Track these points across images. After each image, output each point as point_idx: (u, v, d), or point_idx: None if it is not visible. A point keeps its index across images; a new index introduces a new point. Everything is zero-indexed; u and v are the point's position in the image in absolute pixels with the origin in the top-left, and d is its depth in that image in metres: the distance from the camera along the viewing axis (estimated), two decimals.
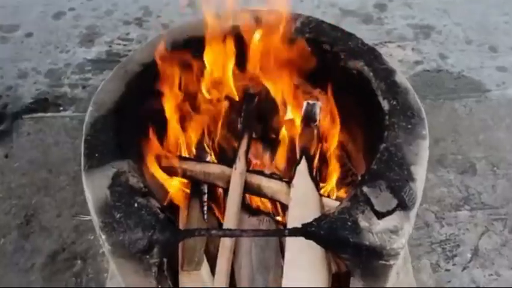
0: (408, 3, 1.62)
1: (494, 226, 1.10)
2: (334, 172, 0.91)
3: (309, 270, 0.72)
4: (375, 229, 0.60)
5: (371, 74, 0.79)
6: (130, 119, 0.77)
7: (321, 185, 0.88)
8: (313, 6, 1.60)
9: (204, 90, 0.88)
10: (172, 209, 0.90)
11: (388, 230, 0.60)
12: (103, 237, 0.61)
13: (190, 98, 0.87)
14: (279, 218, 0.88)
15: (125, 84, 0.79)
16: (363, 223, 0.60)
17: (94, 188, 0.65)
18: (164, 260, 0.66)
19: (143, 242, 0.60)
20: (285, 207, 0.84)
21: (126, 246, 0.60)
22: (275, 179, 0.84)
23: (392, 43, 1.49)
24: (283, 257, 0.78)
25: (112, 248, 0.60)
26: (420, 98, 0.77)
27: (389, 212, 0.61)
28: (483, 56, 1.44)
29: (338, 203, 0.84)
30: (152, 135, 0.80)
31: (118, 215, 0.62)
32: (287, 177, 0.85)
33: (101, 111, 0.75)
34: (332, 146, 0.89)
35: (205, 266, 0.79)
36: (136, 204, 0.63)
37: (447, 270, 1.02)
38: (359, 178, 0.94)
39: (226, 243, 0.78)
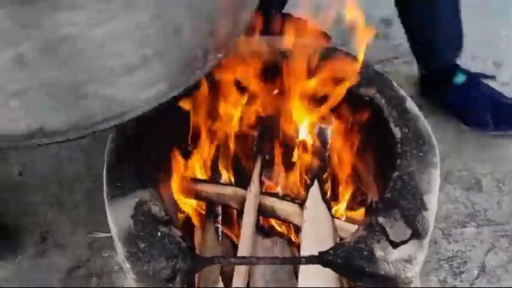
0: None
1: (500, 243, 1.12)
2: (345, 194, 0.94)
3: None
4: (390, 258, 0.62)
5: (383, 101, 0.81)
6: (150, 144, 0.79)
7: (333, 205, 0.90)
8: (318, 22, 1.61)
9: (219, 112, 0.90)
10: (187, 228, 0.93)
11: (403, 259, 0.62)
12: (128, 266, 0.63)
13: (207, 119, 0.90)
14: (292, 239, 0.90)
15: None
16: (378, 252, 0.63)
17: (117, 218, 0.67)
18: (185, 286, 0.68)
19: (167, 272, 0.62)
20: (298, 228, 0.87)
21: (151, 275, 0.62)
22: (288, 201, 0.87)
23: (398, 59, 1.52)
24: (297, 277, 0.80)
25: (137, 277, 0.63)
26: (426, 114, 0.79)
27: (404, 242, 0.63)
28: (487, 71, 1.46)
29: (349, 224, 0.87)
30: (171, 159, 0.83)
31: (142, 245, 0.64)
32: (300, 199, 0.88)
33: (122, 138, 0.77)
34: (343, 169, 0.91)
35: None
36: (159, 234, 0.65)
37: (454, 287, 1.05)
38: (369, 200, 0.97)
39: (241, 267, 0.81)
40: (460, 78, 1.29)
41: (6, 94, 0.46)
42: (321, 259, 0.65)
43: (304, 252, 0.77)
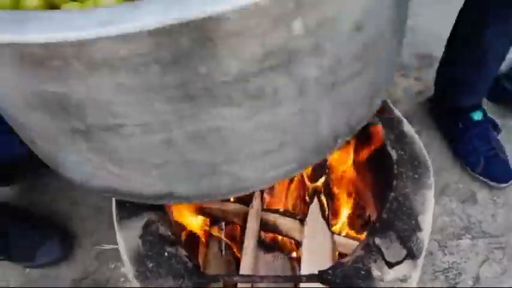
0: (413, 31, 1.67)
1: (495, 254, 1.15)
2: (344, 210, 0.97)
3: None
4: (386, 278, 0.66)
5: (380, 123, 0.84)
6: None
7: (333, 221, 0.94)
8: None
9: None
10: (191, 243, 0.96)
11: (398, 279, 0.66)
12: (137, 285, 0.66)
13: None
14: (292, 254, 0.94)
15: None
16: (375, 272, 0.66)
17: (127, 238, 0.70)
18: None
19: None
20: (298, 243, 0.90)
21: None
22: (289, 217, 0.90)
23: (397, 72, 1.55)
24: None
25: None
26: (423, 128, 0.82)
27: (399, 262, 0.67)
28: None
29: (348, 240, 0.90)
30: None
31: (151, 264, 0.67)
32: (300, 215, 0.91)
33: None
34: (342, 185, 0.95)
35: None
36: (166, 254, 0.68)
37: None
38: (367, 214, 1.00)
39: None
40: (478, 115, 1.29)
41: (148, 165, 0.50)
42: (321, 278, 0.68)
43: (304, 266, 0.81)
